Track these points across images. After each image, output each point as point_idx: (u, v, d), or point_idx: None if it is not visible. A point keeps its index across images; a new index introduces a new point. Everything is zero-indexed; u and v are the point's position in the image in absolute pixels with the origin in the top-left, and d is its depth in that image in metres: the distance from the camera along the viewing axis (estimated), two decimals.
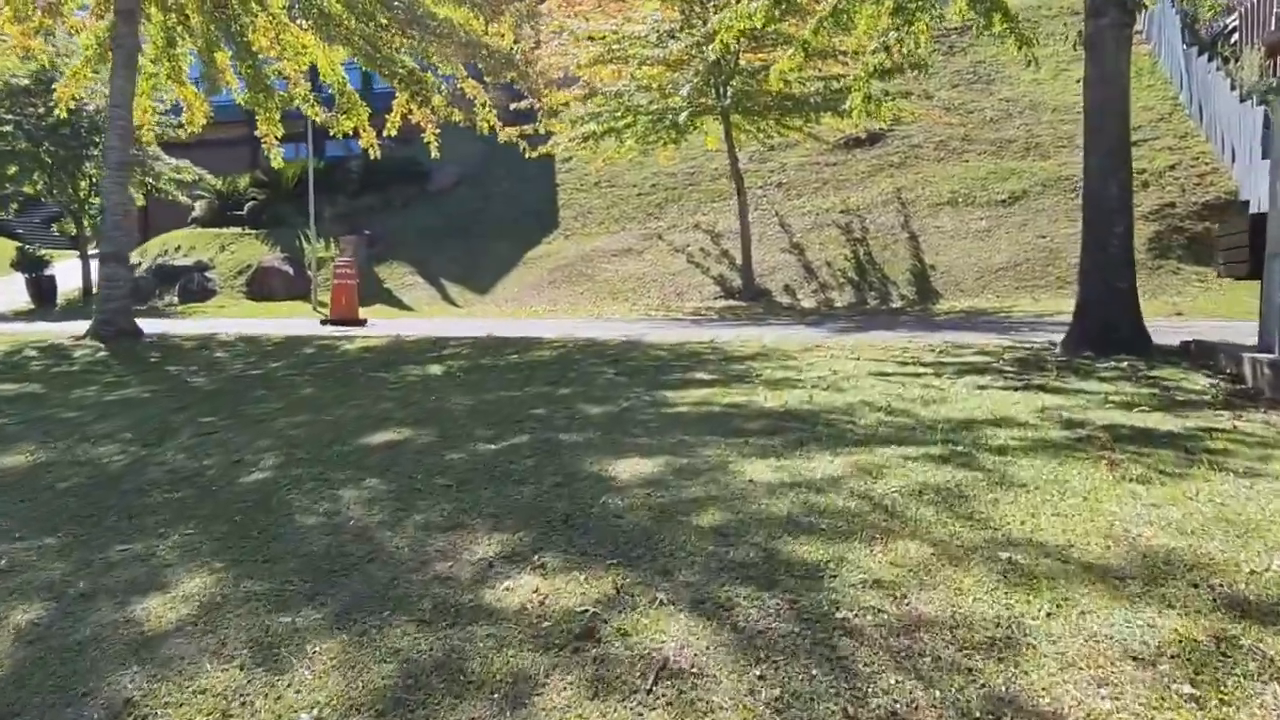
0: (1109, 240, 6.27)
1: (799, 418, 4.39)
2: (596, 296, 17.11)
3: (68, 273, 22.29)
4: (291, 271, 19.56)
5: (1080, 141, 6.81)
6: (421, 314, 16.99)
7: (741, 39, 14.72)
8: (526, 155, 15.72)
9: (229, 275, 20.71)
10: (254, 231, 21.61)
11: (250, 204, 22.10)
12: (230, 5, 9.52)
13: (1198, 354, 6.04)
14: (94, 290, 19.39)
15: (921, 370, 5.85)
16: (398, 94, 10.19)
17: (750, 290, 15.59)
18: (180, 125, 12.30)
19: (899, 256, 15.93)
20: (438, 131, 10.95)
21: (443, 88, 10.46)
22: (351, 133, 11.29)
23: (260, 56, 9.96)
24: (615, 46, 14.25)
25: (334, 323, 12.83)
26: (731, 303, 15.65)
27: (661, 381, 5.71)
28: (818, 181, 18.69)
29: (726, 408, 4.73)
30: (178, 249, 22.16)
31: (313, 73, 11.38)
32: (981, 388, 5.10)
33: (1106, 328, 6.29)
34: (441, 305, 17.89)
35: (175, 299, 19.71)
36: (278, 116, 10.67)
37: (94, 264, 21.76)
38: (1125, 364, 5.90)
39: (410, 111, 10.51)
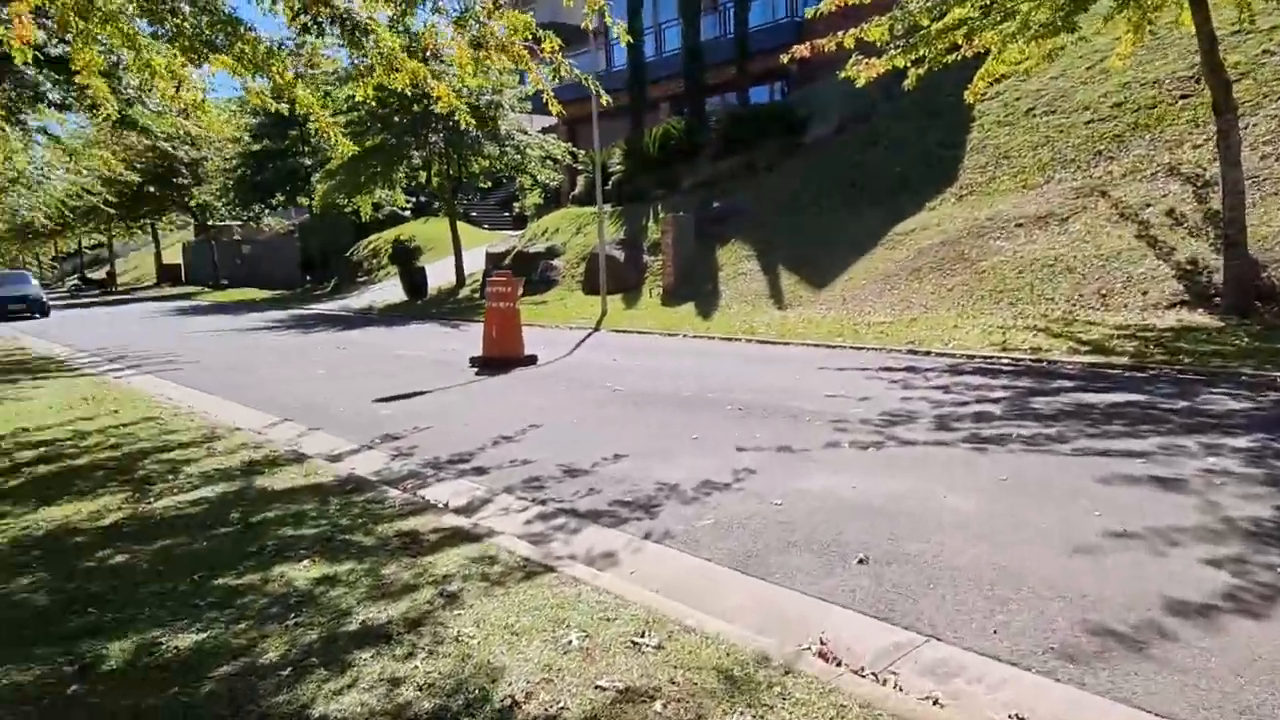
0: None
1: None
2: (971, 295, 10.96)
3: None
4: (622, 258, 16.53)
5: None
6: (711, 324, 12.65)
7: None
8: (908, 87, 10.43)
9: (573, 262, 18.52)
10: (616, 209, 19.08)
11: (615, 176, 19.60)
12: None
13: None
14: (463, 282, 19.11)
15: None
16: None
17: (1238, 293, 8.20)
18: None
19: None
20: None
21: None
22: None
23: None
24: None
25: (485, 363, 9.32)
26: (1194, 318, 8.44)
27: None
28: None
29: None
30: (544, 233, 20.73)
31: None
32: None
33: None
34: (761, 307, 13.26)
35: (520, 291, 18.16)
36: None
37: (467, 256, 21.56)
38: None
39: None
